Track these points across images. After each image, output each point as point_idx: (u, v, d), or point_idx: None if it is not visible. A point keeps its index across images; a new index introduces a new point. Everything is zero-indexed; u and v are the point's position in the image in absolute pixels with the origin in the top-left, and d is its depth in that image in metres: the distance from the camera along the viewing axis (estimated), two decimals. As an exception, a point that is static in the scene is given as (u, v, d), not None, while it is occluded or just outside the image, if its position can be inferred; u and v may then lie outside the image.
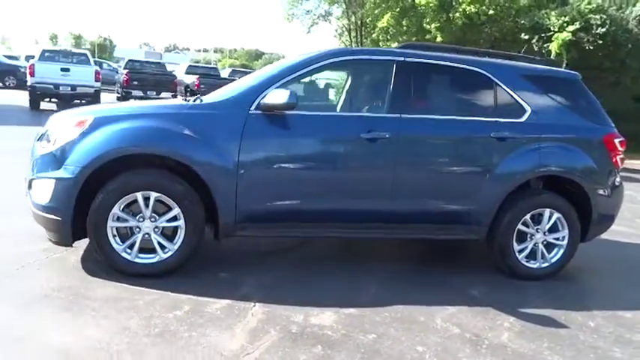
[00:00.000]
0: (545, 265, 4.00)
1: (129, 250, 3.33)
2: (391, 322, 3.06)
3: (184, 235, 3.36)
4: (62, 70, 14.67)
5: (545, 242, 3.97)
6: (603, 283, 4.25)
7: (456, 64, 3.86)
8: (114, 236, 3.30)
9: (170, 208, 3.34)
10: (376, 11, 20.19)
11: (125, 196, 3.25)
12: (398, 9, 19.41)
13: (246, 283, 3.44)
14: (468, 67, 3.86)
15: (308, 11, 24.66)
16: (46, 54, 15.78)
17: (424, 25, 18.97)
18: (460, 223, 3.80)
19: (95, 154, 3.18)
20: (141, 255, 3.36)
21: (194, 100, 3.67)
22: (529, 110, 3.87)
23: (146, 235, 3.34)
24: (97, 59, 35.16)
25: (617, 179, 4.14)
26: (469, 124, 3.79)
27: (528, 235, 3.94)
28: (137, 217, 3.32)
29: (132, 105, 3.94)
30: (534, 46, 17.88)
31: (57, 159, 3.24)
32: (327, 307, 3.16)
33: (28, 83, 14.41)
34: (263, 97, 3.42)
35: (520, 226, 3.88)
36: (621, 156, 4.14)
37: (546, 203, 3.92)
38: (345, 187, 3.59)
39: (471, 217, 3.79)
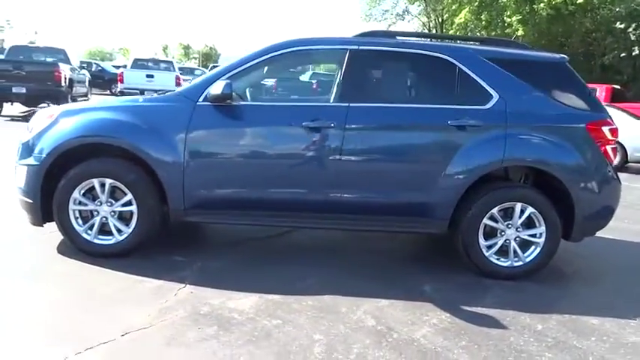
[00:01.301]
0: (519, 263, 3.69)
1: (89, 232, 3.63)
2: (308, 310, 3.04)
3: (137, 220, 3.59)
4: (147, 76, 16.06)
5: (518, 239, 3.67)
6: (587, 286, 3.81)
7: (415, 50, 3.71)
8: (76, 218, 3.62)
9: (126, 194, 3.60)
10: (454, 7, 19.52)
11: (83, 182, 3.56)
12: (476, 3, 18.58)
13: (192, 266, 3.59)
14: (427, 52, 3.69)
15: (385, 11, 24.51)
16: (138, 62, 17.39)
17: (505, 18, 17.97)
18: (416, 215, 3.64)
19: (55, 143, 3.53)
20: (100, 236, 3.65)
21: (157, 94, 3.91)
22: (496, 96, 3.60)
23: (104, 219, 3.63)
24: (198, 67, 37.94)
25: (610, 172, 3.70)
26: (424, 111, 3.62)
27: (498, 231, 3.67)
28: (96, 202, 3.62)
29: (98, 100, 4.26)
30: (631, 35, 16.16)
31: (30, 148, 3.64)
32: (255, 293, 3.20)
33: (118, 89, 15.99)
34: (210, 89, 3.56)
35: (487, 221, 3.62)
36: (613, 146, 3.70)
37: (516, 197, 3.62)
38: (289, 176, 3.61)
39: (428, 210, 3.61)
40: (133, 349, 2.53)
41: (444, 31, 21.42)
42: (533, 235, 3.67)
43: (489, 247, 3.67)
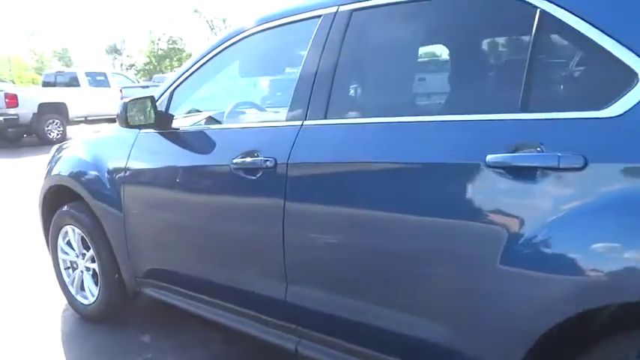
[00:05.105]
0: None
1: (73, 286, 3.06)
2: None
3: (101, 281, 2.81)
4: None
5: None
6: None
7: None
8: (66, 268, 3.10)
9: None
10: None
11: (62, 229, 3.00)
12: None
13: (137, 357, 2.57)
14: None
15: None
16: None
17: None
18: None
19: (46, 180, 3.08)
20: (83, 293, 3.03)
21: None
22: (644, 83, 1.20)
23: (81, 273, 2.99)
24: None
25: None
26: (437, 133, 1.51)
27: None
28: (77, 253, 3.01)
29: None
30: None
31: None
32: None
33: None
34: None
35: None
36: None
37: None
38: (228, 251, 2.11)
39: (451, 363, 1.52)
40: None
41: None
42: None
43: None
